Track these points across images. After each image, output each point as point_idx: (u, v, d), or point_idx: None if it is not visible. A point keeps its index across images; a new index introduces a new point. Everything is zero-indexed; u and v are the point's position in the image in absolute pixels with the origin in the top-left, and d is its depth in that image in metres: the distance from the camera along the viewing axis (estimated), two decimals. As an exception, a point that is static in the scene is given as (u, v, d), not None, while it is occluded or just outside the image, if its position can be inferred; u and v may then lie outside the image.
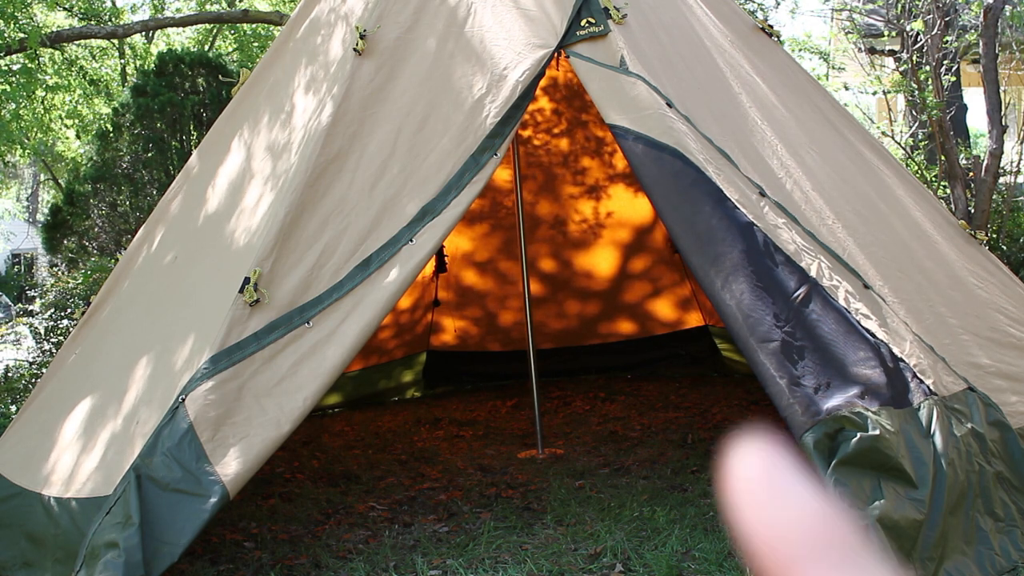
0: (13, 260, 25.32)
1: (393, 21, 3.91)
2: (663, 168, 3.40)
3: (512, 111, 3.68)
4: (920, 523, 2.81)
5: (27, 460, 3.80)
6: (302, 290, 3.39)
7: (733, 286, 3.16)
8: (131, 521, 2.93)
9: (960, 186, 6.66)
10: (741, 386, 6.26)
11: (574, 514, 3.91)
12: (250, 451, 3.08)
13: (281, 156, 3.87)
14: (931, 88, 6.83)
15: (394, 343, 6.88)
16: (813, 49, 11.79)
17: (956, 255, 4.08)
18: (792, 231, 3.34)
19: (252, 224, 3.71)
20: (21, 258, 24.98)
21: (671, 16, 4.21)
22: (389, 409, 6.64)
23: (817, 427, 2.88)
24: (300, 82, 4.13)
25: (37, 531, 3.45)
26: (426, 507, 4.20)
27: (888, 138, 7.74)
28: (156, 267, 4.22)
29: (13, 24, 9.04)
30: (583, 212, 6.93)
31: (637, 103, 3.52)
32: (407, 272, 3.43)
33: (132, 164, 8.98)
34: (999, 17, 6.69)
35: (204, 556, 3.64)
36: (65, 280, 7.25)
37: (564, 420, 5.83)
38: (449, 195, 3.55)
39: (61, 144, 15.80)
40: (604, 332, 7.24)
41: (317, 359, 3.28)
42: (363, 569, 3.44)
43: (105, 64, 15.03)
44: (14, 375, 6.80)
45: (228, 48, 14.89)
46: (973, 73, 8.11)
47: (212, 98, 9.25)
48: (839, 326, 3.09)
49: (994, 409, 3.30)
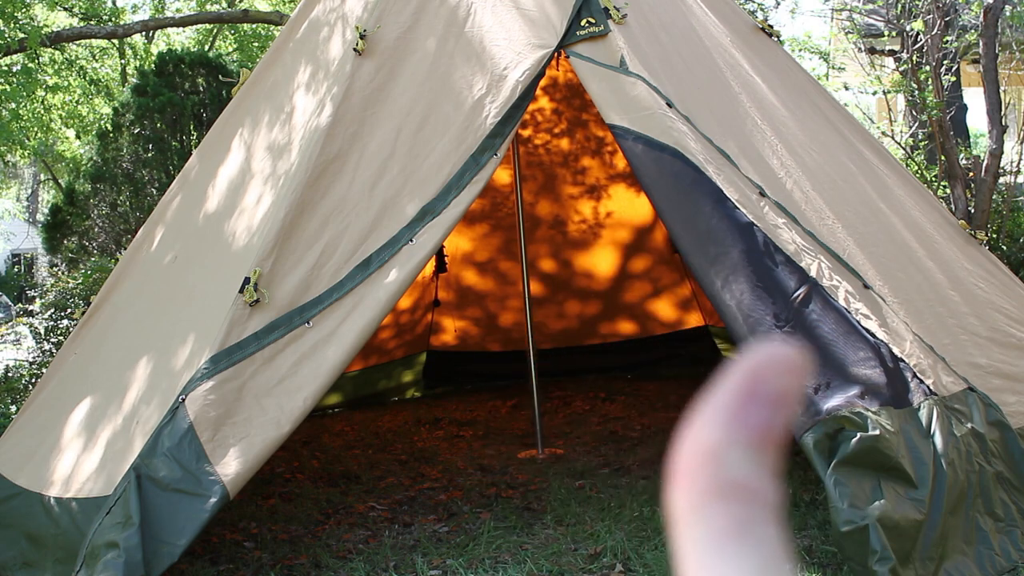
0: (13, 260, 25.32)
1: (393, 21, 3.91)
2: (663, 168, 3.41)
3: (512, 111, 3.68)
4: (920, 523, 2.81)
5: (27, 460, 3.80)
6: (302, 290, 3.39)
7: (733, 286, 3.16)
8: (131, 521, 2.93)
9: (960, 186, 6.66)
10: (741, 386, 6.24)
11: (574, 514, 3.91)
12: (250, 451, 3.08)
13: (281, 156, 3.87)
14: (931, 88, 6.83)
15: (394, 343, 6.88)
16: (813, 49, 11.78)
17: (956, 255, 4.08)
18: (792, 231, 3.34)
19: (252, 224, 3.71)
20: (21, 258, 24.98)
21: (671, 16, 4.21)
22: (389, 409, 6.64)
23: (817, 427, 2.88)
24: (300, 82, 4.13)
25: (37, 531, 3.45)
26: (426, 507, 4.20)
27: (888, 138, 7.74)
28: (156, 267, 4.22)
29: (13, 24, 9.04)
30: (583, 212, 6.93)
31: (637, 103, 3.52)
32: (407, 272, 3.43)
33: (132, 164, 8.98)
34: (999, 17, 6.69)
35: (204, 556, 3.64)
36: (65, 280, 7.25)
37: (564, 420, 5.83)
38: (449, 195, 3.56)
39: (61, 144, 15.80)
40: (604, 332, 7.23)
41: (317, 359, 3.28)
42: (363, 569, 3.44)
43: (105, 64, 15.03)
44: (14, 375, 6.79)
45: (228, 48, 14.89)
46: (973, 73, 8.11)
47: (212, 98, 9.25)
48: (839, 326, 3.09)
49: (994, 409, 3.30)
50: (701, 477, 0.29)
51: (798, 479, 4.00)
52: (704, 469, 0.29)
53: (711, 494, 0.29)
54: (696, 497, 0.29)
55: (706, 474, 0.29)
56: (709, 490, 0.29)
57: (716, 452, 0.29)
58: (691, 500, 0.29)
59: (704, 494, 0.29)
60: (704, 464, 0.30)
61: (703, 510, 0.29)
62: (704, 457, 0.30)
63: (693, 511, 0.29)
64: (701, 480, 0.29)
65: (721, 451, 0.29)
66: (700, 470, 0.30)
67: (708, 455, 0.30)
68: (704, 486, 0.29)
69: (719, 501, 0.29)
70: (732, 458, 0.29)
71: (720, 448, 0.30)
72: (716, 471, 0.29)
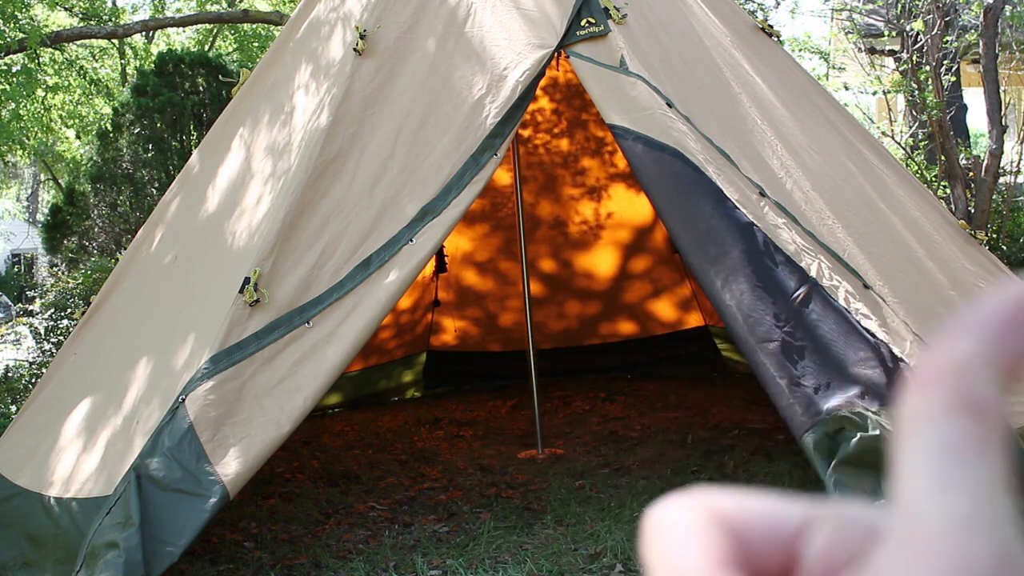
0: (13, 260, 25.32)
1: (393, 21, 3.91)
2: (663, 168, 3.41)
3: (512, 111, 3.69)
4: (920, 523, 2.81)
5: (27, 460, 3.80)
6: (302, 290, 3.39)
7: (733, 286, 3.17)
8: (131, 521, 2.93)
9: (960, 186, 6.66)
10: (741, 386, 6.26)
11: (574, 514, 3.91)
12: (250, 451, 3.08)
13: (281, 156, 3.87)
14: (931, 88, 6.83)
15: (394, 343, 6.88)
16: (813, 49, 11.78)
17: (956, 255, 4.08)
18: (792, 231, 3.34)
19: (252, 224, 3.71)
20: (21, 258, 24.98)
21: (671, 16, 4.21)
22: (389, 409, 6.64)
23: (817, 427, 2.88)
24: (300, 82, 4.13)
25: (37, 531, 3.45)
26: (426, 507, 4.20)
27: (888, 138, 7.74)
28: (156, 267, 4.22)
29: (13, 24, 9.04)
30: (583, 213, 6.94)
31: (637, 103, 3.52)
32: (407, 272, 3.43)
33: (132, 164, 8.98)
34: (999, 17, 6.69)
35: (204, 556, 3.64)
36: (65, 280, 7.25)
37: (564, 420, 5.83)
38: (449, 195, 3.56)
39: (61, 144, 15.80)
40: (604, 332, 7.24)
41: (317, 359, 3.28)
42: (363, 569, 3.44)
43: (105, 64, 15.03)
44: (14, 375, 6.80)
45: (228, 48, 14.88)
46: (973, 73, 8.11)
47: (212, 98, 9.26)
48: (839, 326, 3.09)
49: (994, 409, 3.30)
50: (943, 387, 0.28)
51: (798, 479, 4.00)
52: (948, 380, 0.28)
53: (950, 406, 0.28)
54: (933, 406, 0.28)
55: (949, 385, 0.28)
56: (948, 402, 0.28)
57: (965, 366, 0.28)
58: (926, 407, 0.28)
59: (942, 405, 0.28)
60: (950, 375, 0.28)
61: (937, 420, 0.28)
62: (951, 368, 0.28)
63: (926, 419, 0.28)
64: (942, 390, 0.28)
65: (970, 367, 0.28)
66: (944, 380, 0.28)
67: (956, 367, 0.28)
68: (944, 397, 0.28)
69: (956, 415, 0.28)
70: (979, 376, 0.28)
71: (970, 363, 0.28)
72: (960, 384, 0.28)
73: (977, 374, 0.28)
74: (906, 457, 0.28)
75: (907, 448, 0.28)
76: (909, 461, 0.28)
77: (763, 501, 0.32)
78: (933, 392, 0.28)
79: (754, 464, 4.44)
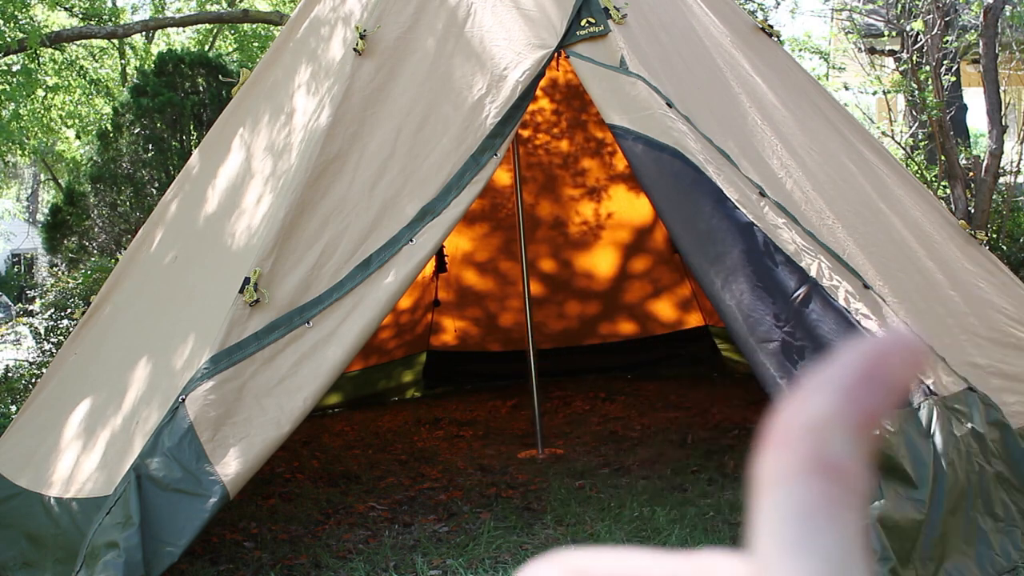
0: (13, 260, 25.32)
1: (393, 21, 3.91)
2: (663, 168, 3.41)
3: (512, 111, 3.68)
4: (920, 523, 2.81)
5: (27, 460, 3.80)
6: (302, 290, 3.39)
7: (733, 286, 3.17)
8: (131, 521, 2.93)
9: (960, 186, 6.66)
10: (741, 386, 6.26)
11: (574, 514, 3.91)
12: (250, 451, 3.08)
13: (281, 156, 3.87)
14: (931, 88, 6.83)
15: (394, 343, 6.88)
16: (813, 49, 11.78)
17: (956, 255, 4.08)
18: (792, 231, 3.34)
19: (252, 224, 3.71)
20: (21, 258, 24.98)
21: (671, 16, 4.21)
22: (389, 409, 6.64)
23: (817, 427, 2.88)
24: (300, 82, 4.13)
25: (37, 531, 3.45)
26: (426, 507, 4.20)
27: (888, 138, 7.74)
28: (156, 267, 4.22)
29: (13, 24, 9.04)
30: (583, 213, 6.94)
31: (637, 103, 3.52)
32: (407, 272, 3.43)
33: (132, 164, 8.98)
34: (999, 17, 6.69)
35: (204, 556, 3.64)
36: (65, 280, 7.25)
37: (564, 420, 5.83)
38: (449, 195, 3.56)
39: (61, 144, 15.80)
40: (604, 332, 7.24)
41: (317, 359, 3.28)
42: (363, 569, 3.44)
43: (105, 64, 15.03)
44: (14, 375, 6.79)
45: (228, 48, 14.88)
46: (973, 73, 8.11)
47: (212, 98, 9.25)
48: (839, 326, 3.09)
49: (994, 409, 3.30)
50: (797, 448, 0.28)
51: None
52: (802, 440, 0.29)
53: (804, 467, 0.28)
54: (787, 467, 0.28)
55: (803, 446, 0.28)
56: (802, 463, 0.28)
57: (819, 426, 0.29)
58: (781, 469, 0.29)
59: (796, 466, 0.28)
60: (803, 435, 0.29)
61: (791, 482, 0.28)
62: (805, 428, 0.29)
63: (780, 480, 0.28)
64: (796, 451, 0.28)
65: (824, 426, 0.29)
66: (798, 440, 0.29)
67: (809, 427, 0.29)
68: (798, 458, 0.28)
69: (810, 476, 0.28)
70: (833, 435, 0.28)
71: (824, 423, 0.29)
72: (814, 445, 0.28)
73: (831, 433, 0.28)
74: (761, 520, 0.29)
75: (762, 511, 0.29)
76: (764, 524, 0.28)
77: (627, 559, 0.32)
78: (788, 453, 0.29)
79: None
